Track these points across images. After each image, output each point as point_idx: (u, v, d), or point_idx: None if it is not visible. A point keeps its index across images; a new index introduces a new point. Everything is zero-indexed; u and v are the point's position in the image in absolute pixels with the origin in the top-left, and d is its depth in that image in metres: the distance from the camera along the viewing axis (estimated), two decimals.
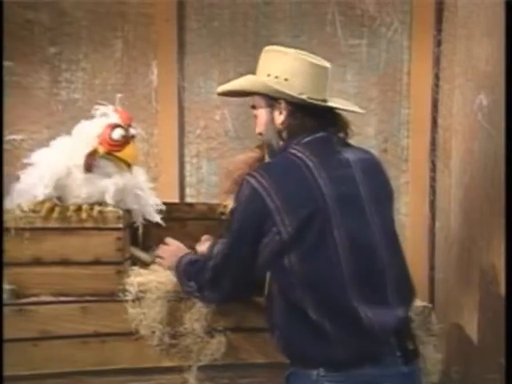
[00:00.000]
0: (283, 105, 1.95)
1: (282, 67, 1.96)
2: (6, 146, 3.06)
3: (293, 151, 1.93)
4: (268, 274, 2.00)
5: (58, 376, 2.29)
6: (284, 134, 1.98)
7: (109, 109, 2.38)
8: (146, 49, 3.18)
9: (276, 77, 1.95)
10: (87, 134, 2.35)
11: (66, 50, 3.15)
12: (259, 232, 1.87)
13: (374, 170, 2.03)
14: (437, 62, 3.19)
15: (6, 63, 3.05)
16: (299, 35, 3.21)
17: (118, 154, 2.33)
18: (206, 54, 3.21)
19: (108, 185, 2.34)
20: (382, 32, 3.23)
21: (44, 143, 2.42)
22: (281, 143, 1.99)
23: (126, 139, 2.33)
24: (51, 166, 2.32)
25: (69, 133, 2.42)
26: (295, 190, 1.86)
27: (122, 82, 3.18)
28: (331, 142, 1.97)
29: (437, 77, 3.21)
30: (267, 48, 2.04)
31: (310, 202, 1.85)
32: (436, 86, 3.20)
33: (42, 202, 2.30)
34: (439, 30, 3.18)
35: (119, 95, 2.67)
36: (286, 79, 1.95)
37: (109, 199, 2.33)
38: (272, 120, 1.98)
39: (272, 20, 3.21)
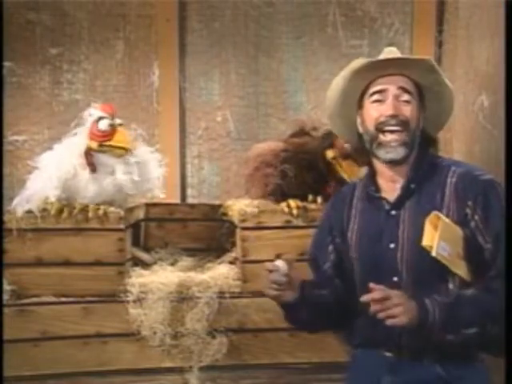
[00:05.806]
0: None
1: None
2: (8, 147, 3.06)
3: None
4: None
5: (59, 377, 2.29)
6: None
7: (91, 108, 2.43)
8: (147, 50, 3.17)
9: None
10: (84, 134, 2.39)
11: (68, 51, 3.15)
12: None
13: None
14: (438, 62, 3.18)
15: (7, 64, 3.06)
16: (300, 36, 3.21)
17: (110, 143, 2.35)
18: (207, 54, 3.21)
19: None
20: (383, 33, 3.23)
21: (45, 144, 2.42)
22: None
23: (114, 127, 2.36)
24: (58, 167, 2.35)
25: (70, 134, 2.43)
26: None
27: (123, 83, 3.18)
28: None
29: None
30: None
31: None
32: None
33: (52, 203, 2.32)
34: (440, 31, 3.17)
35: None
36: None
37: (129, 190, 2.40)
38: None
39: (273, 21, 3.21)
